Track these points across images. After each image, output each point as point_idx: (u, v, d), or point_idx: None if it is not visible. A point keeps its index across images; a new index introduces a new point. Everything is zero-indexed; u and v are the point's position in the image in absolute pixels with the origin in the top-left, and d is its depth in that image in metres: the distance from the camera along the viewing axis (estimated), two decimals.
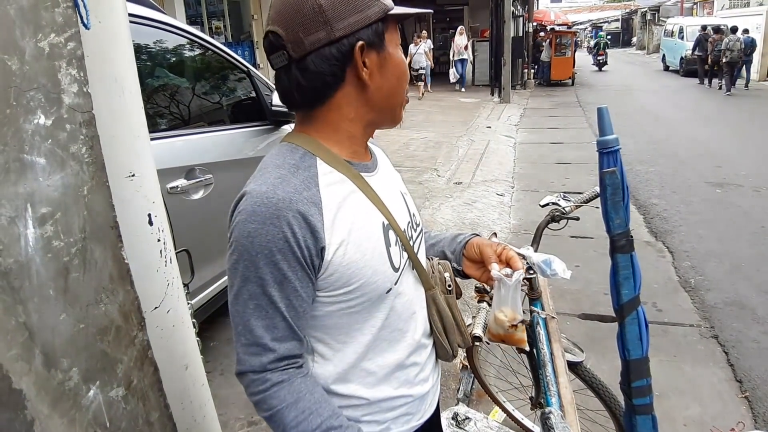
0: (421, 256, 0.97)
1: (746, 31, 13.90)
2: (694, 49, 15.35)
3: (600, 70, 20.44)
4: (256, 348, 0.77)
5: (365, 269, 0.80)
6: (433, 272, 0.99)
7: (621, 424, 1.92)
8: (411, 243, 0.91)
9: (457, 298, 1.03)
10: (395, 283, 0.86)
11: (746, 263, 3.76)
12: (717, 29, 14.57)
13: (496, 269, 0.94)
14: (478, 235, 1.05)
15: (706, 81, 14.81)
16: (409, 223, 0.93)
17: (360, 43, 0.77)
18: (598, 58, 20.61)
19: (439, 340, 0.98)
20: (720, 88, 13.72)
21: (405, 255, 0.89)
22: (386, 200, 0.87)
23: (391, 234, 0.86)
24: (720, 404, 2.39)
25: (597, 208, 1.70)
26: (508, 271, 0.94)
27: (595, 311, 3.26)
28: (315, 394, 0.81)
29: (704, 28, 15.37)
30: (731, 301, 3.27)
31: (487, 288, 1.47)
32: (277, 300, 0.76)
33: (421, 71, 12.91)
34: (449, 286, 0.99)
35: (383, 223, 0.84)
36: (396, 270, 0.85)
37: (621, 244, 0.93)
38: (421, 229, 1.00)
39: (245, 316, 0.77)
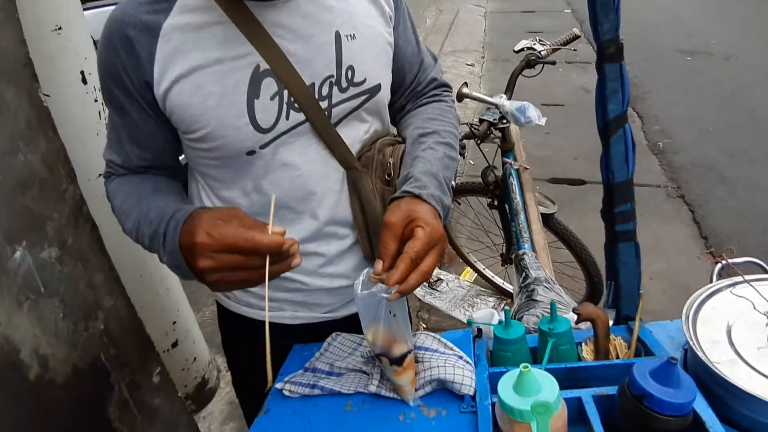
0: (349, 126, 0.76)
1: None
2: None
3: None
4: (107, 151, 0.78)
5: (206, 118, 0.67)
6: (369, 150, 0.78)
7: (591, 272, 1.92)
8: (322, 103, 0.71)
9: None
10: (263, 147, 0.70)
11: (715, 128, 3.74)
12: None
13: (378, 267, 0.62)
14: (416, 183, 0.70)
15: None
16: (329, 77, 0.71)
17: None
18: None
19: (358, 235, 0.80)
20: None
21: (299, 116, 0.71)
22: (284, 40, 0.67)
23: (268, 83, 0.68)
24: (685, 259, 2.44)
25: (568, 72, 1.51)
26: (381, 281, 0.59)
27: (564, 176, 3.23)
28: (142, 184, 0.76)
29: None
30: (698, 163, 3.27)
31: None
32: (119, 127, 0.74)
33: None
34: (389, 175, 0.77)
35: (256, 66, 0.67)
36: (263, 131, 0.69)
37: (610, 52, 0.79)
38: (364, 92, 0.75)
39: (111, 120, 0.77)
